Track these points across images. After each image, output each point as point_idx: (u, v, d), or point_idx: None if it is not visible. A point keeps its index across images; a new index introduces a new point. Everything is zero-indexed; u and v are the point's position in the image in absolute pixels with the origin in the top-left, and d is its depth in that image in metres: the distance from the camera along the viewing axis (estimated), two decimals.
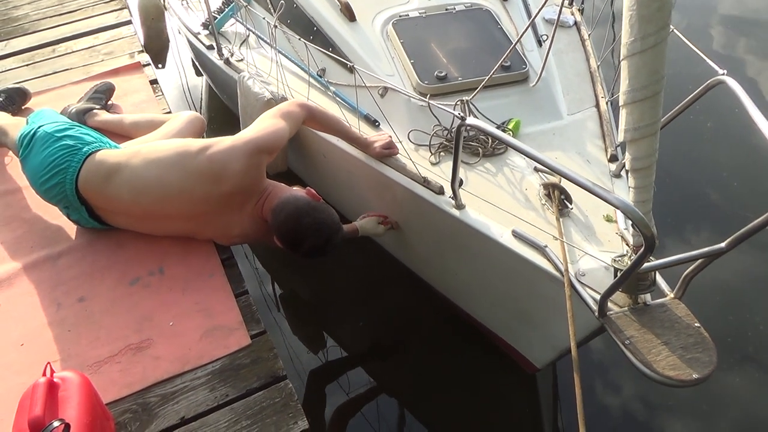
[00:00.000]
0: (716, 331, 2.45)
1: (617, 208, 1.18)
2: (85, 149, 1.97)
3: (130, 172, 1.92)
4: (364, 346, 2.61)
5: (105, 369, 1.71)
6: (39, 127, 2.02)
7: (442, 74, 2.19)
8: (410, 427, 2.32)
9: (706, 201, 3.11)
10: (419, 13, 2.45)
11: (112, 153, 1.99)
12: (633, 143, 1.30)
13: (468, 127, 1.58)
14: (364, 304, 2.71)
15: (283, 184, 2.02)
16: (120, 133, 2.45)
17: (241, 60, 2.68)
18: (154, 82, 3.00)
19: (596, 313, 1.44)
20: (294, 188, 2.04)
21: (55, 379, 1.45)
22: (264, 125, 1.95)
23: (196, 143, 1.94)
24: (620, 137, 1.32)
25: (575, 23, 2.69)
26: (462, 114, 1.58)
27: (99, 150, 2.00)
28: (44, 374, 1.45)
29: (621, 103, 1.28)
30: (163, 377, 1.70)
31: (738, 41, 4.42)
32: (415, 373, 2.46)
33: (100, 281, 1.96)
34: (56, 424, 1.32)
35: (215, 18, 2.82)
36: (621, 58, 1.23)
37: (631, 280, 1.43)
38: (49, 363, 1.48)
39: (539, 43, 2.48)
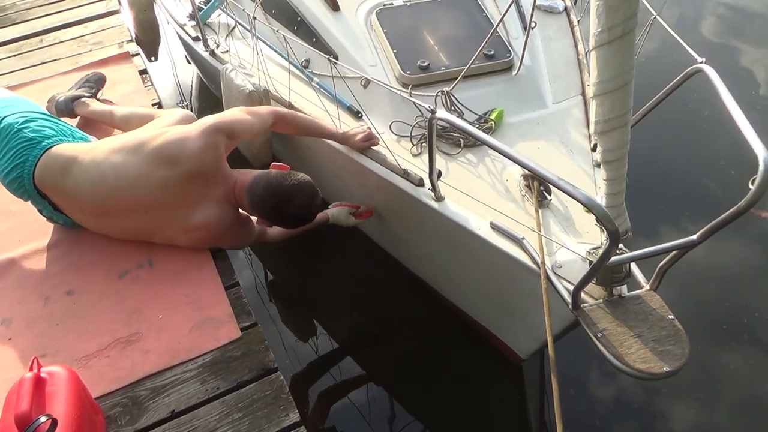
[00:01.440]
0: (713, 318, 2.50)
1: (580, 202, 1.16)
2: (44, 143, 1.93)
3: (89, 162, 1.90)
4: (357, 338, 2.60)
5: (94, 363, 1.70)
6: (3, 118, 1.98)
7: (425, 64, 2.16)
8: (400, 417, 2.32)
9: (703, 190, 3.10)
10: (403, 2, 2.42)
11: (69, 147, 1.96)
12: (604, 135, 1.29)
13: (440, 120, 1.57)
14: (357, 297, 2.70)
15: (247, 170, 1.99)
16: (109, 125, 2.42)
17: (227, 51, 2.66)
18: (143, 72, 2.97)
19: (570, 306, 1.44)
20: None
21: (42, 374, 1.44)
22: (226, 113, 1.98)
23: (155, 131, 1.94)
24: (591, 129, 1.30)
25: (565, 9, 2.66)
26: (432, 107, 1.57)
27: (57, 144, 1.96)
28: (31, 369, 1.43)
29: (591, 94, 1.26)
30: (152, 371, 1.68)
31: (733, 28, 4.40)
32: (405, 364, 2.46)
33: (89, 274, 1.94)
34: (43, 419, 1.31)
35: (200, 9, 2.79)
36: (590, 48, 1.21)
37: (604, 272, 1.43)
38: (36, 357, 1.46)
39: (529, 30, 2.45)
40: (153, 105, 2.72)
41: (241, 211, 2.00)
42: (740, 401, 2.27)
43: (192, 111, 2.40)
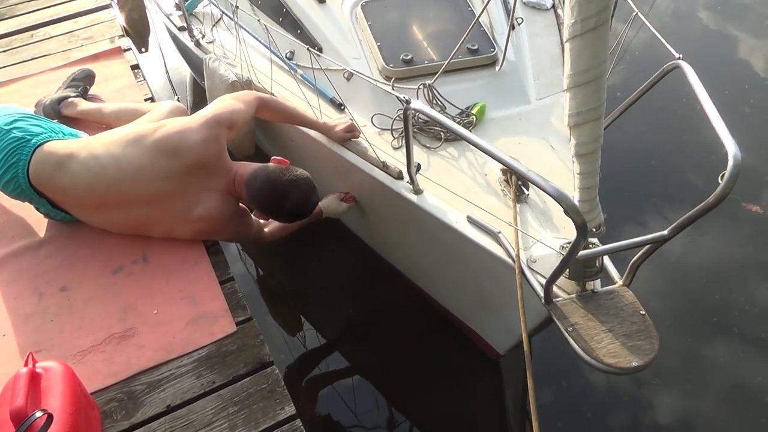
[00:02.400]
0: (702, 311, 2.53)
1: (549, 194, 1.16)
2: (33, 141, 1.93)
3: (87, 155, 1.89)
4: (349, 331, 2.62)
5: (89, 358, 1.70)
6: None
7: (409, 57, 2.17)
8: (390, 409, 2.35)
9: (694, 185, 3.12)
10: None
11: (62, 143, 1.96)
12: (577, 128, 1.28)
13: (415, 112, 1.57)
14: (349, 292, 2.72)
15: (247, 162, 1.99)
16: (99, 123, 2.39)
17: (212, 42, 2.66)
18: (135, 67, 2.95)
19: (542, 300, 1.44)
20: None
21: (37, 369, 1.44)
22: (222, 104, 1.97)
23: (155, 123, 1.94)
24: (565, 122, 1.30)
25: (553, 5, 2.67)
26: (408, 98, 1.57)
27: (48, 141, 1.95)
28: (26, 364, 1.43)
29: (564, 87, 1.25)
30: (148, 365, 1.69)
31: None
32: (393, 358, 2.49)
33: (83, 270, 1.93)
34: (39, 414, 1.31)
35: (186, 0, 2.79)
36: (564, 41, 1.21)
37: (576, 266, 1.43)
38: (31, 353, 1.46)
39: (513, 26, 2.45)
40: (145, 100, 2.71)
41: (240, 203, 2.00)
42: (729, 393, 2.30)
43: (186, 106, 2.40)
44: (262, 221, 2.15)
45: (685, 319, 2.53)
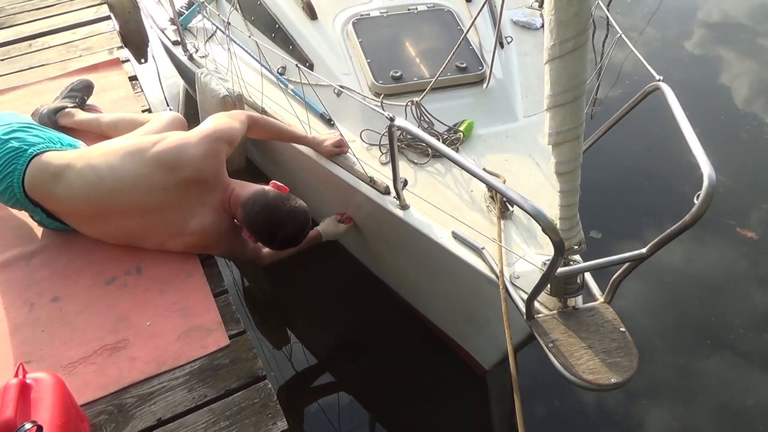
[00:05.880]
0: (697, 330, 2.54)
1: (528, 213, 1.18)
2: (30, 150, 1.93)
3: (84, 165, 1.89)
4: (342, 347, 2.61)
5: (79, 370, 1.68)
6: None
7: (398, 74, 2.20)
8: (383, 428, 2.35)
9: (682, 202, 3.15)
10: (380, 13, 2.45)
11: (59, 153, 1.96)
12: (557, 147, 1.31)
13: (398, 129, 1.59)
14: (343, 307, 2.72)
15: (246, 182, 2.00)
16: (97, 133, 2.39)
17: (205, 56, 2.68)
18: (133, 78, 2.96)
19: (524, 316, 1.45)
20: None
21: (27, 380, 1.42)
22: (220, 120, 1.98)
23: (154, 136, 1.94)
24: (545, 141, 1.32)
25: (542, 25, 2.71)
26: (392, 115, 1.60)
27: (45, 151, 1.95)
28: (16, 375, 1.41)
29: (545, 107, 1.28)
30: (139, 378, 1.67)
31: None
32: (385, 374, 2.49)
33: (75, 281, 1.92)
34: (28, 426, 1.29)
35: (181, 14, 2.82)
36: (544, 62, 1.24)
37: (558, 283, 1.45)
38: (21, 363, 1.45)
39: (501, 45, 2.48)
40: (143, 111, 2.72)
41: (235, 220, 2.00)
42: (720, 411, 2.30)
43: None
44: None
45: (679, 337, 2.55)
